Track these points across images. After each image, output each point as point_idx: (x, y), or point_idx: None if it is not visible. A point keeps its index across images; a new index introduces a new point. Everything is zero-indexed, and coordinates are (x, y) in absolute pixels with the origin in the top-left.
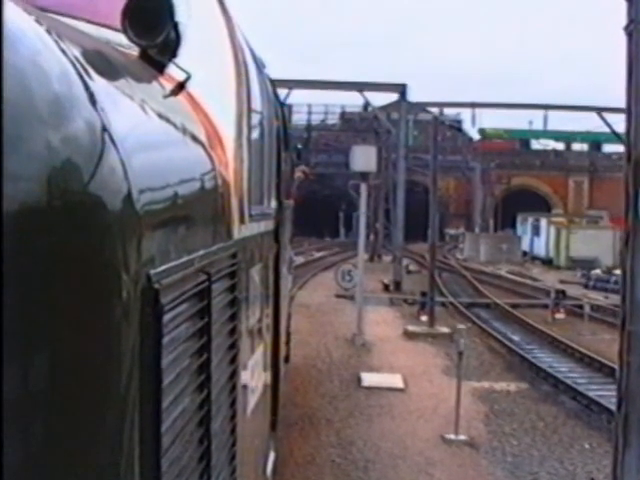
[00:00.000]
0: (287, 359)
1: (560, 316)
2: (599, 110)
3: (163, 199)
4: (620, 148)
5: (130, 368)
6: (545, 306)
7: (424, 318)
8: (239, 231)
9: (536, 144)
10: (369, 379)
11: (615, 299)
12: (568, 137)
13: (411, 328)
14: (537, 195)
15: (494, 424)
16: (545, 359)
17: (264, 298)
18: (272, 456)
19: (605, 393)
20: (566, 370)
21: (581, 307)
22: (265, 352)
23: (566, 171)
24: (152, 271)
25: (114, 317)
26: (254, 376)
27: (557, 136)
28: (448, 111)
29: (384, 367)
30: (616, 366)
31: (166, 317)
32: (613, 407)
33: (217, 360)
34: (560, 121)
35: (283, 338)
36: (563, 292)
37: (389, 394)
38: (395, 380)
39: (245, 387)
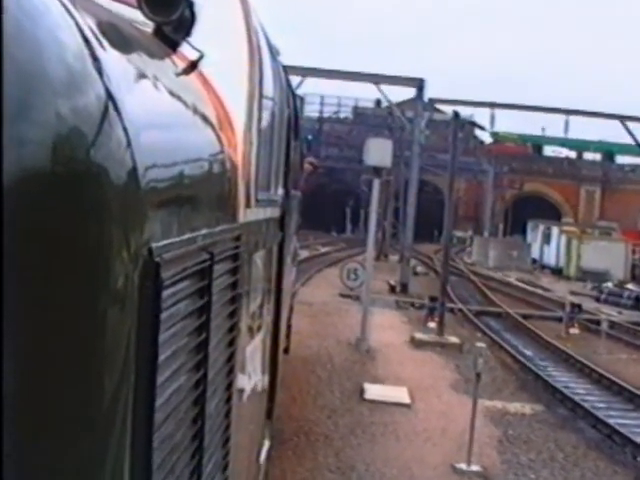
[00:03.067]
0: (287, 351)
1: (574, 331)
2: (622, 118)
3: (169, 176)
4: (633, 160)
5: (127, 340)
6: (558, 319)
7: (432, 325)
8: (244, 215)
9: (548, 151)
10: (373, 391)
11: (629, 315)
12: (581, 146)
13: (418, 335)
14: (548, 202)
15: (509, 452)
16: (560, 378)
17: (266, 285)
18: (267, 444)
19: (627, 422)
20: (583, 392)
21: (596, 322)
22: (265, 339)
23: (578, 180)
24: (154, 244)
25: (113, 288)
26: (252, 361)
27: (570, 144)
28: (461, 112)
29: (389, 378)
30: (636, 390)
31: (166, 292)
32: (637, 438)
33: (215, 341)
34: (574, 129)
35: (284, 329)
36: (579, 306)
37: (394, 410)
38: (401, 394)
39: (242, 371)
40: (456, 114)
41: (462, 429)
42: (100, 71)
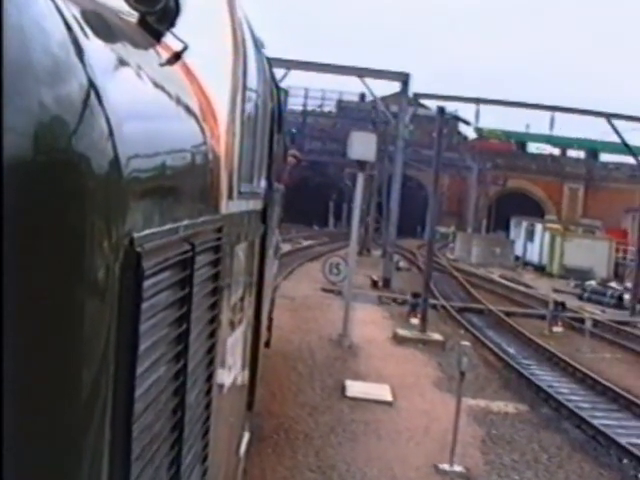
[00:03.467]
0: (268, 344)
1: (558, 329)
2: (608, 116)
3: (151, 166)
4: (617, 158)
5: (107, 330)
6: (541, 317)
7: (414, 321)
8: (226, 206)
9: (532, 148)
10: (354, 388)
11: (612, 314)
12: (565, 143)
13: (401, 332)
14: (531, 199)
15: (492, 453)
16: (544, 377)
17: (248, 277)
18: (246, 436)
19: (611, 422)
20: (567, 392)
21: (580, 321)
22: (246, 332)
23: (562, 177)
24: (135, 234)
25: (94, 277)
26: (233, 354)
27: (554, 141)
28: (445, 109)
29: (371, 375)
30: (624, 392)
31: (147, 282)
32: (621, 440)
33: (196, 332)
34: (559, 128)
35: (265, 322)
36: (563, 304)
37: (376, 408)
38: (383, 391)
39: (223, 363)
40: (441, 109)
41: (445, 428)
42: (83, 60)
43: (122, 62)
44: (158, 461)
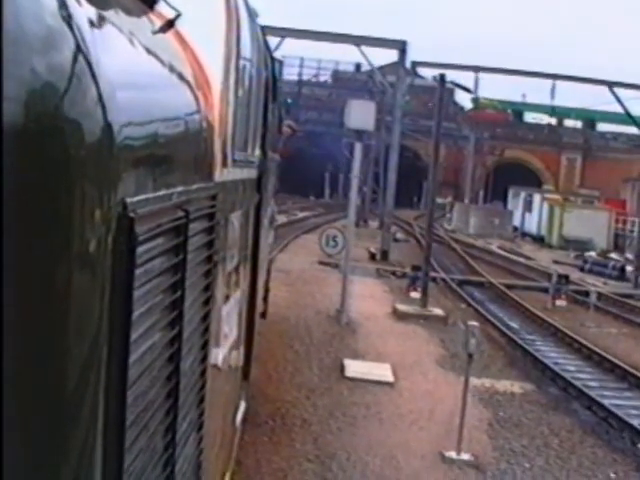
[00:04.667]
0: (264, 315)
1: (561, 303)
2: (610, 84)
3: (144, 133)
4: (615, 128)
5: (100, 295)
6: (544, 290)
7: (415, 295)
8: (220, 174)
9: (528, 117)
10: (354, 368)
11: (615, 286)
12: (562, 112)
13: (401, 307)
14: (528, 169)
15: (500, 438)
16: (549, 354)
17: (243, 246)
18: (243, 406)
19: (622, 402)
20: (574, 370)
21: (583, 294)
22: (241, 300)
23: (559, 147)
24: (128, 200)
25: (86, 242)
26: (228, 322)
27: (551, 111)
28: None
29: (370, 353)
30: (633, 370)
31: (140, 248)
32: (634, 421)
33: (190, 300)
34: (557, 97)
35: (261, 291)
36: (566, 277)
37: (376, 389)
38: (383, 371)
39: (218, 331)
40: (442, 76)
41: (450, 410)
42: (76, 28)
43: (115, 29)
44: (153, 428)
